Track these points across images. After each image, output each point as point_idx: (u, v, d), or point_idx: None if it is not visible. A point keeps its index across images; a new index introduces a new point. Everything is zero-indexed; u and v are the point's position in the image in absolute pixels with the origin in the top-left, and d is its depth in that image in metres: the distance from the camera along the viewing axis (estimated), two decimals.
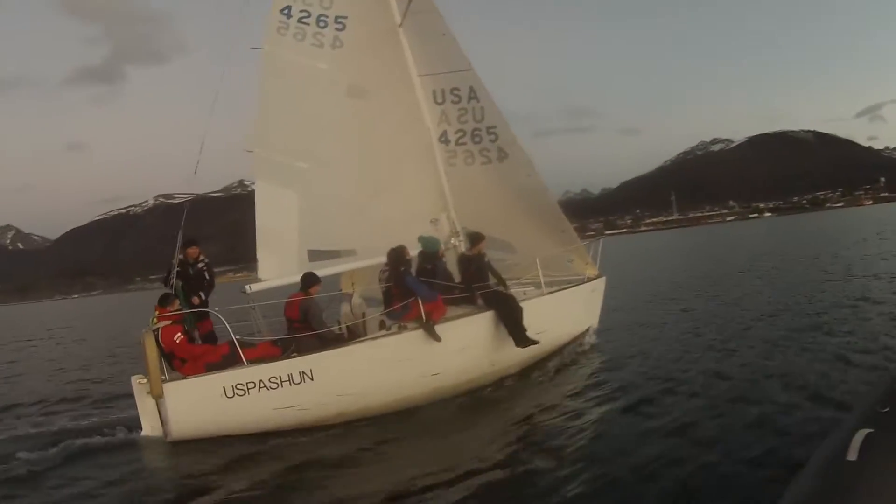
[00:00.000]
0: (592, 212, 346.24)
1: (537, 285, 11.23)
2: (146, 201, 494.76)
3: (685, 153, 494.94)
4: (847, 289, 16.04)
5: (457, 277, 10.26)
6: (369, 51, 11.18)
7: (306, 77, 10.72)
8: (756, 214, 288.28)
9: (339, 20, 11.09)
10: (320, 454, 7.57)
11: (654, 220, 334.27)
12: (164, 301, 8.58)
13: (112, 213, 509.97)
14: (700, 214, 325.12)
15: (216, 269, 10.56)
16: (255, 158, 10.26)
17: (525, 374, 10.29)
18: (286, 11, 10.72)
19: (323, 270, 10.04)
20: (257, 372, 8.20)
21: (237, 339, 8.32)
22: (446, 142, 11.77)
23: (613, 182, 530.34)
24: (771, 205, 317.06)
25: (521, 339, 9.54)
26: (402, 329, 9.03)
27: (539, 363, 10.58)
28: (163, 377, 8.09)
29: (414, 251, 9.98)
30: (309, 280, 9.14)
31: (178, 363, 8.33)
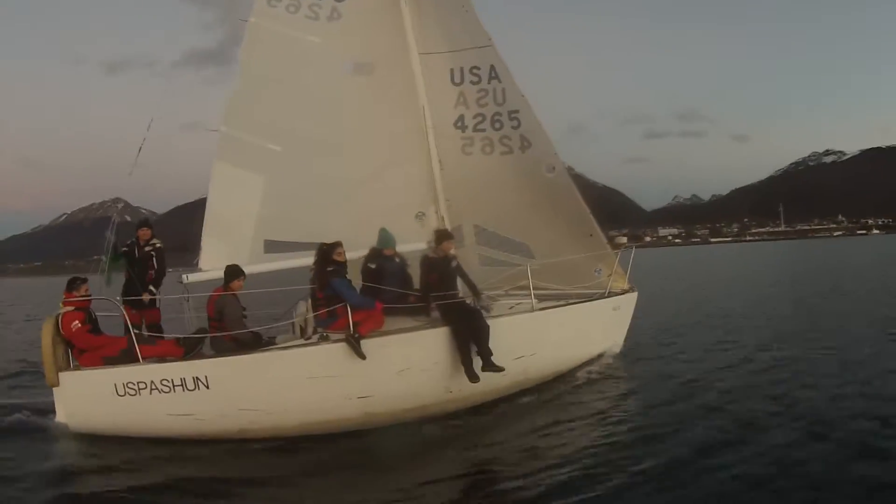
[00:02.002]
0: (700, 218, 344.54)
1: (560, 297, 10.00)
2: None
3: (796, 163, 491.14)
4: None
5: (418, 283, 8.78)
6: (369, 24, 10.20)
7: (295, 51, 9.80)
8: (864, 231, 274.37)
9: None
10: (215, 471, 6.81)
11: (761, 230, 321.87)
12: (70, 285, 7.94)
13: None
14: (807, 227, 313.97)
15: None
16: (220, 138, 9.27)
17: (505, 402, 8.74)
18: None
19: (280, 264, 9.13)
20: (149, 372, 7.33)
21: (136, 334, 7.59)
22: (463, 127, 10.57)
23: (724, 188, 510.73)
24: (880, 221, 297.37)
25: (474, 365, 7.92)
26: (323, 340, 7.73)
27: (529, 390, 9.09)
28: (65, 366, 7.59)
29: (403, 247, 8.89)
30: (230, 273, 8.13)
31: (78, 353, 7.73)
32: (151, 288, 9.12)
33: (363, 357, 7.46)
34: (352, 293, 7.78)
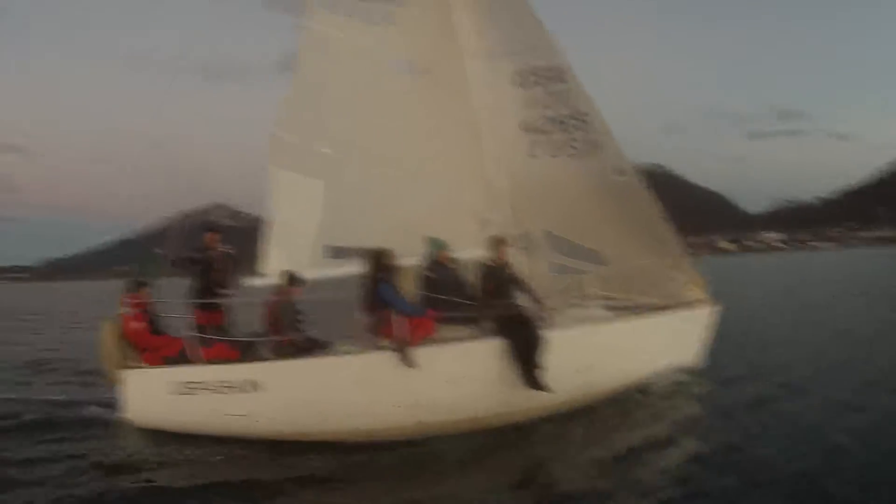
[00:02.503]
0: (806, 221, 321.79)
1: (630, 307, 9.55)
2: None
3: None
4: None
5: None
6: (424, 28, 10.13)
7: (350, 56, 9.81)
8: None
9: None
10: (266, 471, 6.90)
11: (866, 234, 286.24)
12: (132, 287, 8.30)
13: None
14: None
15: None
16: (274, 144, 9.33)
17: (561, 418, 8.27)
18: None
19: (339, 269, 9.13)
20: (205, 372, 7.56)
21: (196, 336, 7.79)
22: (529, 130, 10.26)
23: (824, 191, 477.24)
24: None
25: (528, 378, 7.66)
26: (373, 347, 7.68)
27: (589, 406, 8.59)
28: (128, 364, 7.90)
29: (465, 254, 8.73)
30: (287, 279, 8.22)
31: (140, 351, 8.03)
32: (217, 291, 9.27)
33: (412, 365, 7.35)
34: (401, 301, 7.68)
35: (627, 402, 8.91)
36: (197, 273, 8.94)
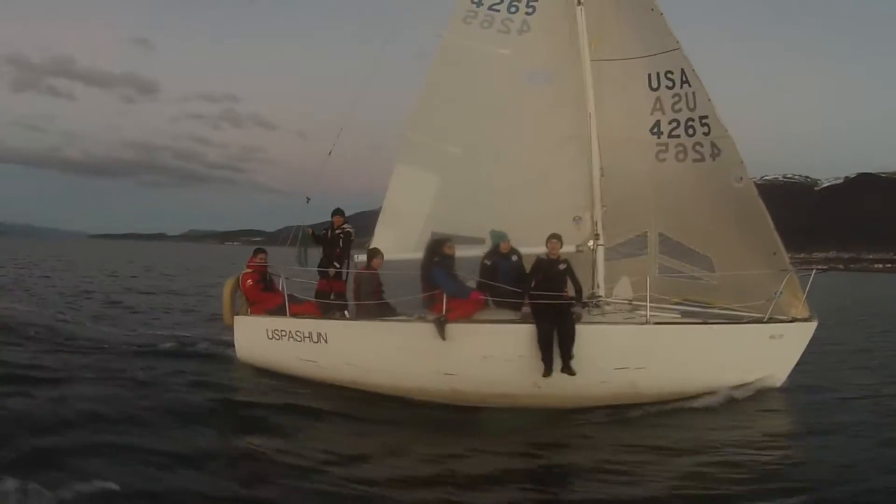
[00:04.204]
0: None
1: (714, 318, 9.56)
2: None
3: None
4: None
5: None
6: (554, 35, 10.65)
7: (484, 63, 10.65)
8: None
9: (531, 4, 10.82)
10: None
11: None
12: (254, 253, 10.34)
13: None
14: None
15: None
16: (405, 142, 10.64)
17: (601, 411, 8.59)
18: (477, 1, 10.86)
19: None
20: (289, 324, 9.31)
21: (289, 295, 9.58)
22: (658, 133, 10.48)
23: None
24: None
25: (551, 363, 8.24)
26: (420, 319, 8.81)
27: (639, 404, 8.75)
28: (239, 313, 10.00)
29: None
30: (370, 254, 9.68)
31: (250, 304, 10.03)
32: (336, 264, 10.88)
33: (444, 338, 8.36)
34: (448, 282, 8.70)
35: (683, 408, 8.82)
36: (322, 247, 10.77)
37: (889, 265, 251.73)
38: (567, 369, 8.23)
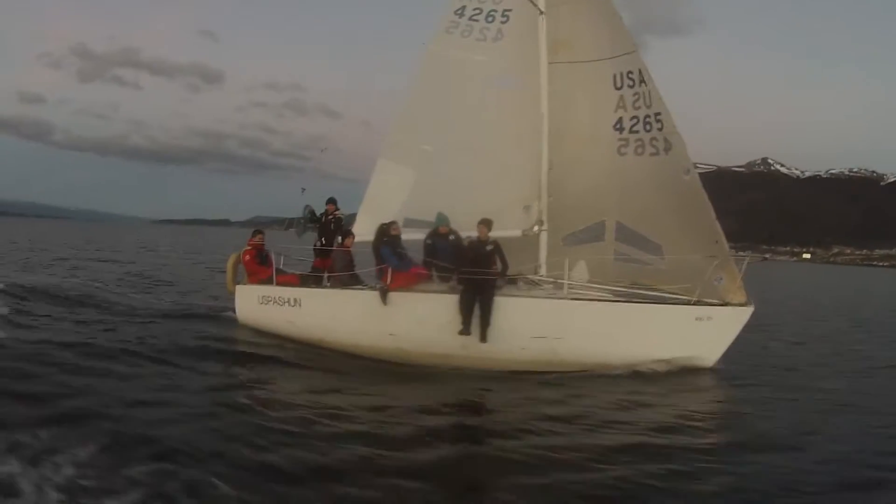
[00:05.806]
0: None
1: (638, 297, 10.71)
2: None
3: None
4: None
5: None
6: (523, 41, 11.95)
7: (461, 70, 12.02)
8: None
9: (506, 13, 12.21)
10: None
11: None
12: (253, 234, 12.53)
13: None
14: None
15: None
16: (388, 141, 12.33)
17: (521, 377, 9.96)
18: (459, 11, 12.31)
19: (412, 235, 11.66)
20: (275, 291, 11.47)
21: (277, 269, 11.73)
22: (620, 129, 11.52)
23: None
24: None
25: (468, 328, 9.97)
26: (369, 288, 10.78)
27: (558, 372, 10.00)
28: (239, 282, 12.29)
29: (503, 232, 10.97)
30: (342, 234, 11.71)
31: (248, 275, 12.23)
32: (323, 241, 12.83)
33: (384, 304, 10.29)
34: (392, 259, 10.56)
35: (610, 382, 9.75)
36: (316, 230, 12.87)
37: None
38: (483, 337, 9.90)
